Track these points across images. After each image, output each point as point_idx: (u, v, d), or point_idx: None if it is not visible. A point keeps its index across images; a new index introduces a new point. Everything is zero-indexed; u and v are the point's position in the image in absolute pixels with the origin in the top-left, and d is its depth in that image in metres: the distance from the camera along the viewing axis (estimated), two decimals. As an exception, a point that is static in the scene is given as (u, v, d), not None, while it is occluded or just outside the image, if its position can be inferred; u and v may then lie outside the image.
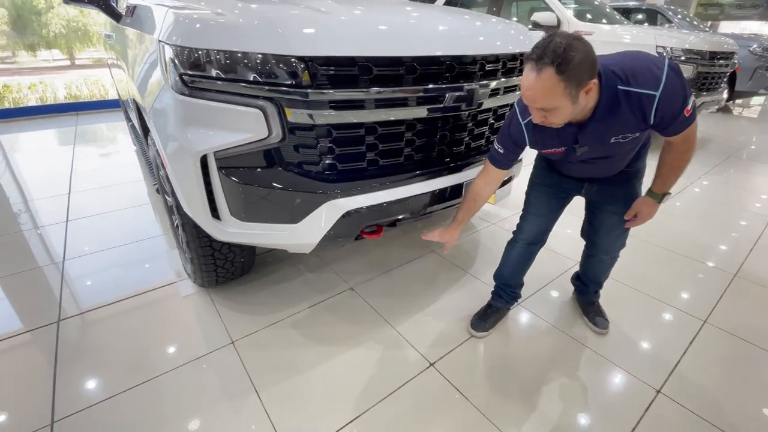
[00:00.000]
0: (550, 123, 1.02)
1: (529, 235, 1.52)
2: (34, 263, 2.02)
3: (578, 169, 1.32)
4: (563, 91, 0.91)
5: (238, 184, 1.20)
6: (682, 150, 1.14)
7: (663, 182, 1.22)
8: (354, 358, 1.46)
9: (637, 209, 1.30)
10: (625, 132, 1.07)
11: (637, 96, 0.98)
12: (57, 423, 1.22)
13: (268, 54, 1.06)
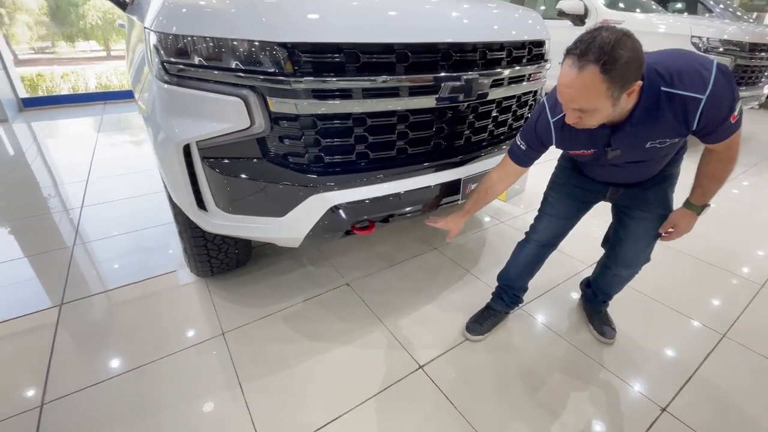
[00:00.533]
0: (584, 125, 0.93)
1: (542, 236, 1.43)
2: (46, 247, 2.09)
3: (606, 173, 1.23)
4: (605, 93, 0.83)
5: (222, 175, 1.17)
6: (725, 159, 1.03)
7: (703, 193, 1.11)
8: (341, 356, 1.43)
9: (674, 222, 1.19)
10: (664, 137, 0.98)
11: (682, 99, 0.89)
12: (47, 404, 1.24)
13: (248, 40, 1.02)
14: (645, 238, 1.27)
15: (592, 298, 1.59)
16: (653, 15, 3.87)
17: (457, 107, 1.34)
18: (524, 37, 1.44)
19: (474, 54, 1.28)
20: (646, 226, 1.25)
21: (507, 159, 1.25)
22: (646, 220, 1.24)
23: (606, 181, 1.27)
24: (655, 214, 1.23)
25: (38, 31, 16.50)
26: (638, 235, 1.28)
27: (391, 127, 1.26)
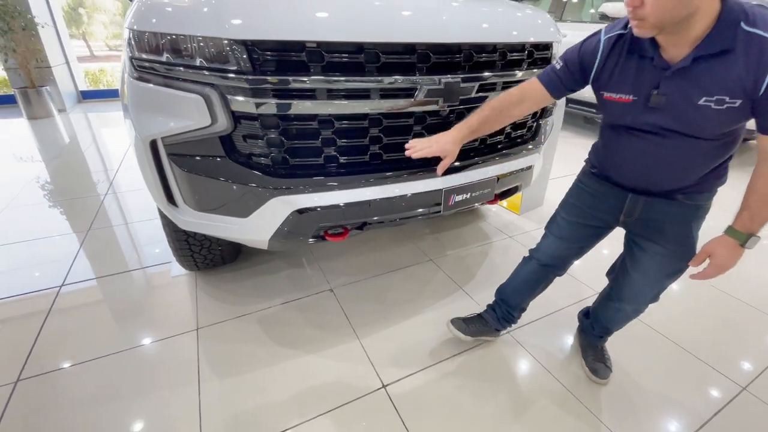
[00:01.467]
0: (640, 17, 0.76)
1: (544, 256, 1.29)
2: (61, 231, 2.23)
3: (631, 162, 0.99)
4: None
5: (187, 172, 1.17)
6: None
7: (751, 217, 0.88)
8: (306, 365, 1.38)
9: (709, 251, 0.94)
10: (724, 92, 0.79)
11: (762, 42, 0.74)
12: (21, 381, 1.30)
13: (207, 37, 1.00)
14: (654, 275, 1.10)
15: (588, 329, 1.43)
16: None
17: (437, 112, 1.25)
18: (523, 39, 1.32)
19: (458, 56, 1.18)
20: (658, 262, 1.07)
21: (534, 80, 1.05)
22: (658, 255, 1.06)
23: (625, 183, 1.04)
24: (669, 250, 1.04)
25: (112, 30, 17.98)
26: (647, 271, 1.10)
27: (363, 130, 1.19)
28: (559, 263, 1.29)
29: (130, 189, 2.79)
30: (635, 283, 1.14)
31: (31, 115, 4.87)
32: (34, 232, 2.21)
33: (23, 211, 2.48)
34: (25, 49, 4.74)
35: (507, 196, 1.67)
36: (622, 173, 1.04)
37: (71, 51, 5.80)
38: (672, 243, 1.03)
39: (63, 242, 2.11)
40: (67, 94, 5.47)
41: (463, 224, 2.40)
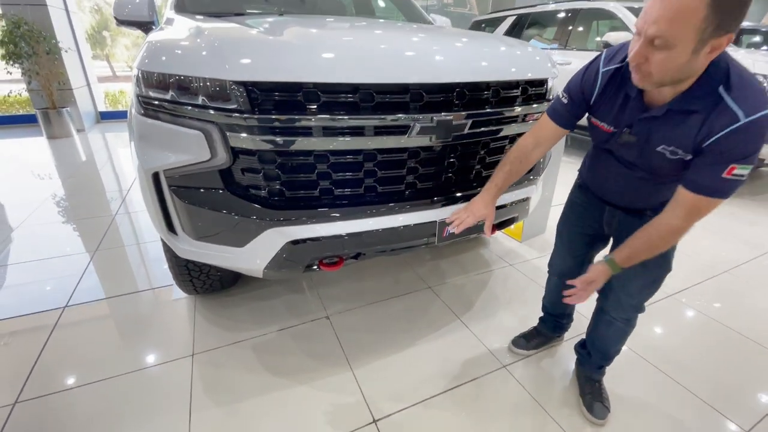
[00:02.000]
0: (644, 73, 0.80)
1: (557, 269, 1.44)
2: (70, 250, 2.29)
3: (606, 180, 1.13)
4: (699, 23, 0.69)
5: (187, 203, 1.20)
6: (675, 228, 0.92)
7: (629, 256, 1.00)
8: (295, 397, 1.37)
9: (592, 279, 1.06)
10: (679, 146, 0.87)
11: (724, 110, 0.79)
12: (19, 403, 1.32)
13: (210, 78, 1.05)
14: (633, 284, 1.16)
15: (586, 360, 1.41)
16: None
17: (431, 147, 1.27)
18: (516, 76, 1.35)
19: (449, 94, 1.22)
20: (637, 272, 1.10)
21: (544, 118, 1.13)
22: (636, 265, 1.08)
23: (603, 197, 1.16)
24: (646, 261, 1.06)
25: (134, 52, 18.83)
26: (626, 280, 1.15)
27: (358, 165, 1.23)
28: (571, 272, 1.32)
29: (141, 209, 2.86)
30: (616, 293, 1.20)
31: (50, 135, 5.07)
32: (45, 251, 2.27)
33: (37, 230, 2.56)
34: (48, 72, 4.98)
35: (505, 226, 1.68)
36: (601, 189, 1.17)
37: (92, 73, 6.07)
38: None
39: (71, 262, 2.17)
40: (86, 115, 5.70)
41: (463, 251, 2.40)
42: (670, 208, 0.92)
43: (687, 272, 2.20)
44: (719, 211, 3.11)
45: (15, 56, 4.70)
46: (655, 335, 1.72)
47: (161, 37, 1.23)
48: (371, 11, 2.81)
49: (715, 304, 1.93)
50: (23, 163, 4.11)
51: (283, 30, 1.25)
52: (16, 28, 4.66)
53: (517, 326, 1.72)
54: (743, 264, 2.32)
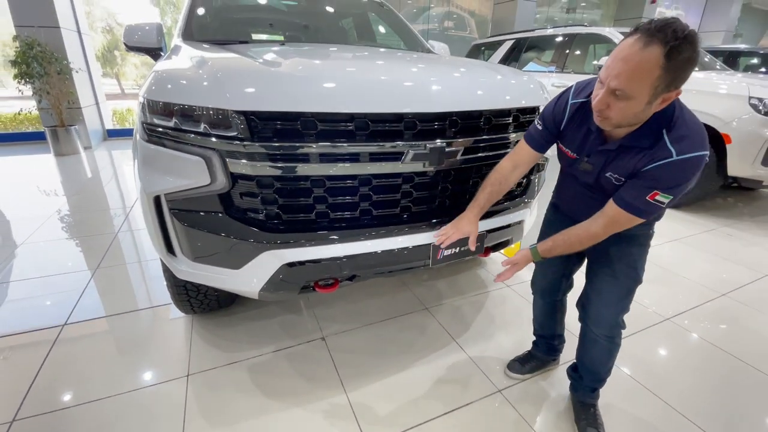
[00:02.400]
0: (605, 116, 0.92)
1: (539, 287, 1.49)
2: (72, 268, 2.32)
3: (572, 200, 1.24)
4: (653, 81, 0.81)
5: (186, 226, 1.24)
6: (592, 234, 1.06)
7: (550, 248, 1.15)
8: (289, 419, 1.37)
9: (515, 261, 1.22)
10: (624, 174, 1.00)
11: (661, 150, 0.92)
12: (17, 422, 1.32)
13: (212, 108, 1.10)
14: (608, 296, 1.21)
15: (579, 383, 1.41)
16: (703, 73, 3.60)
17: (425, 173, 1.31)
18: (507, 104, 1.40)
19: (442, 123, 1.26)
20: (609, 283, 1.19)
21: (521, 143, 1.24)
22: (608, 276, 1.19)
23: (571, 215, 1.23)
24: (617, 272, 1.17)
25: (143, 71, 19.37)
26: (601, 292, 1.22)
27: (353, 189, 1.26)
28: (554, 289, 1.44)
29: (143, 227, 2.90)
30: (595, 306, 1.24)
31: (58, 152, 5.17)
32: (47, 268, 2.30)
33: (41, 246, 2.60)
34: (58, 91, 5.13)
35: (499, 248, 1.70)
36: (569, 208, 1.27)
37: (101, 91, 6.23)
38: (618, 265, 1.17)
39: (73, 279, 2.19)
40: (93, 132, 5.82)
41: (460, 271, 2.41)
42: (595, 217, 1.06)
43: (685, 295, 2.20)
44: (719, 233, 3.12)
45: (27, 76, 4.85)
46: (651, 359, 1.71)
47: (167, 67, 1.29)
48: (372, 38, 2.91)
49: (714, 328, 1.92)
50: (30, 179, 4.19)
51: (282, 61, 1.31)
52: (29, 49, 4.82)
53: (513, 349, 1.72)
54: (742, 287, 2.31)
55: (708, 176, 3.33)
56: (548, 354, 1.60)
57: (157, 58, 2.13)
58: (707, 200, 3.86)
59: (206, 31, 2.08)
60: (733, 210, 3.71)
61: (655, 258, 2.65)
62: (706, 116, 3.26)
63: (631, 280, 1.18)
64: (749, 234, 3.14)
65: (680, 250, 2.82)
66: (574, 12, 10.34)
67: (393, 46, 2.75)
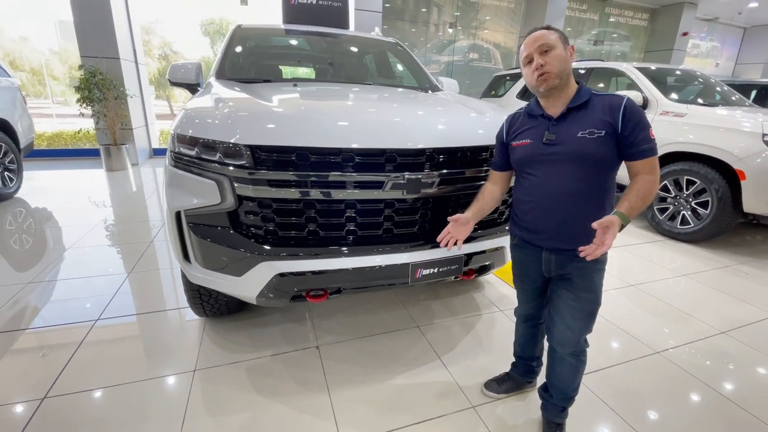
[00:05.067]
0: (547, 72, 1.17)
1: (522, 315, 1.56)
2: (110, 271, 2.63)
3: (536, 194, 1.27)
4: (558, 37, 1.19)
5: (199, 237, 1.47)
6: (649, 181, 1.18)
7: (630, 207, 1.15)
8: (276, 416, 1.52)
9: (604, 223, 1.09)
10: (592, 127, 1.17)
11: (608, 98, 1.19)
12: (48, 399, 1.56)
13: (225, 141, 1.34)
14: (571, 319, 1.30)
15: (549, 402, 1.48)
16: (719, 109, 3.59)
17: (404, 200, 1.49)
18: (479, 141, 1.56)
19: (419, 157, 1.44)
20: (572, 307, 1.29)
21: (491, 171, 1.47)
22: (570, 301, 1.28)
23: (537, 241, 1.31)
24: (580, 298, 1.27)
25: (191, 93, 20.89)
26: (564, 316, 1.31)
27: (340, 212, 1.45)
28: (533, 316, 1.53)
29: (171, 238, 3.22)
30: (558, 327, 1.34)
31: (109, 168, 5.76)
32: (89, 270, 2.63)
33: (85, 251, 2.95)
34: (114, 114, 5.76)
35: (483, 272, 1.82)
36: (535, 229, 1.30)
37: (152, 113, 6.91)
38: (581, 291, 1.27)
39: (109, 281, 2.50)
40: (141, 150, 6.43)
41: (457, 293, 2.52)
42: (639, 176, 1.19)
43: (682, 330, 2.20)
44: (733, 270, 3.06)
45: (88, 100, 5.51)
46: (632, 390, 1.74)
47: (194, 106, 1.57)
48: (390, 74, 3.18)
49: (702, 365, 1.91)
50: (83, 191, 4.70)
51: (286, 102, 1.55)
52: (92, 77, 5.50)
53: (494, 370, 1.80)
54: (745, 326, 2.27)
55: (723, 212, 3.28)
56: (525, 375, 1.67)
57: (194, 92, 2.47)
58: (726, 237, 3.76)
59: (236, 70, 2.40)
60: (753, 248, 3.60)
61: (659, 292, 2.64)
62: (719, 151, 3.26)
63: (592, 303, 1.28)
64: (765, 273, 3.04)
65: (688, 285, 2.79)
66: (602, 44, 10.38)
67: (406, 81, 3.00)
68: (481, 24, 8.92)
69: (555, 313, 1.35)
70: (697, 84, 4.51)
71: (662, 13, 10.46)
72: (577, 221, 1.21)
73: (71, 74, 12.86)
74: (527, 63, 1.22)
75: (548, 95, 1.22)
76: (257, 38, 2.84)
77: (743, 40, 12.68)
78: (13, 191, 4.37)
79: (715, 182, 3.29)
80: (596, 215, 1.13)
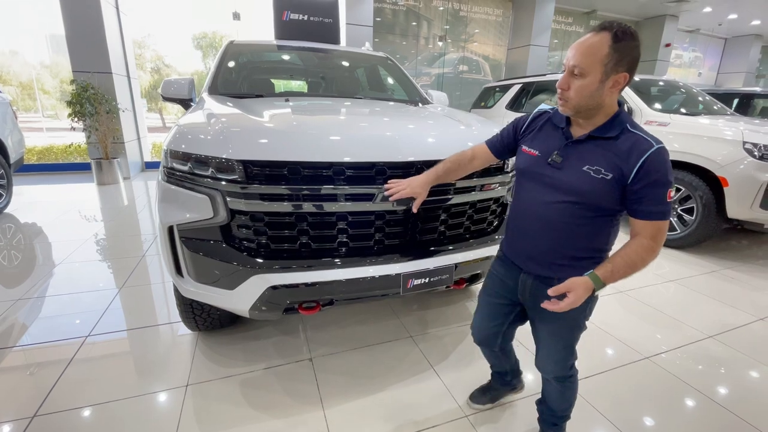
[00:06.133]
0: (565, 98, 1.05)
1: (476, 337, 1.48)
2: (100, 286, 2.61)
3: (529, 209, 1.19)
4: (602, 59, 0.98)
5: (192, 251, 1.48)
6: (647, 247, 1.03)
7: (611, 271, 1.03)
8: (269, 431, 1.52)
9: (570, 288, 1.04)
10: (601, 165, 1.04)
11: (639, 139, 1.02)
12: (37, 417, 1.54)
13: (217, 157, 1.37)
14: (554, 345, 1.27)
15: (543, 416, 1.48)
16: (702, 118, 3.70)
17: (395, 211, 1.51)
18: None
19: (409, 170, 1.48)
20: (553, 333, 1.25)
21: (482, 143, 1.39)
22: (552, 327, 1.24)
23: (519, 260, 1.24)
24: (559, 324, 1.22)
25: (182, 107, 20.90)
26: (547, 342, 1.28)
27: (331, 224, 1.48)
28: (489, 342, 1.44)
29: (163, 252, 3.21)
30: (541, 358, 1.33)
31: (100, 182, 5.73)
32: (79, 285, 2.60)
33: (76, 266, 2.92)
34: (106, 128, 5.75)
35: (474, 281, 1.85)
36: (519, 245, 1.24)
37: (144, 126, 6.91)
38: (559, 325, 1.22)
39: (100, 296, 2.47)
40: (133, 164, 6.41)
41: (449, 303, 2.53)
42: (636, 238, 1.05)
43: (670, 335, 2.23)
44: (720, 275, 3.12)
45: (80, 114, 5.51)
46: (621, 395, 1.76)
47: (186, 122, 1.59)
48: (381, 87, 3.24)
49: (692, 369, 1.95)
50: (74, 206, 4.66)
51: (276, 117, 1.59)
52: (84, 92, 5.50)
53: (485, 379, 1.81)
54: (732, 330, 2.31)
55: (708, 218, 3.36)
56: (503, 387, 1.66)
57: (187, 107, 2.49)
58: (714, 243, 3.83)
59: (229, 86, 2.44)
60: (740, 253, 3.68)
61: (647, 297, 2.68)
62: (702, 159, 3.35)
63: (575, 331, 1.23)
64: (752, 277, 3.11)
65: (675, 290, 2.84)
66: (588, 55, 10.64)
67: (396, 94, 3.06)
68: (470, 37, 9.12)
69: (538, 341, 1.31)
70: (679, 94, 4.64)
71: (645, 25, 10.79)
72: (557, 253, 1.14)
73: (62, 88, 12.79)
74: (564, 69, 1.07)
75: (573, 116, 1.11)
76: (249, 54, 2.89)
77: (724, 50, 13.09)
78: (2, 207, 4.33)
79: (699, 189, 3.37)
80: (583, 251, 1.11)
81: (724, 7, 9.89)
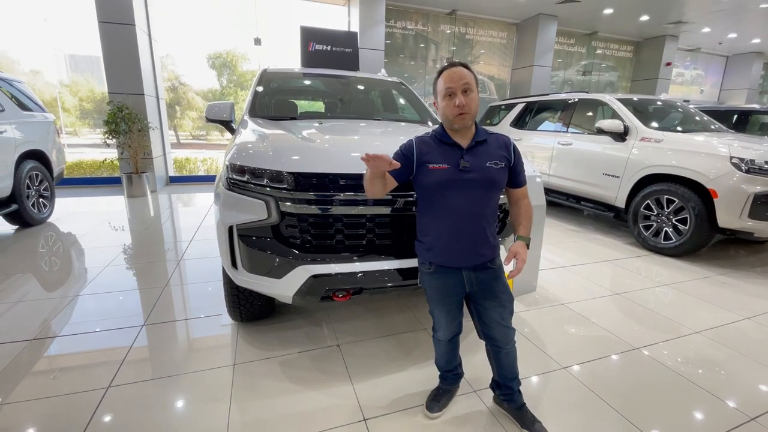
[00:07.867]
0: (466, 111, 1.36)
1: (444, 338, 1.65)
2: (145, 285, 2.94)
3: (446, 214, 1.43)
4: (474, 80, 1.40)
5: (248, 247, 1.79)
6: (527, 204, 1.57)
7: (525, 227, 1.55)
8: (308, 398, 1.79)
9: (515, 252, 1.49)
10: (495, 159, 1.44)
11: (498, 136, 1.50)
12: (112, 387, 1.84)
13: (271, 169, 1.70)
14: (500, 317, 1.53)
15: (508, 394, 1.66)
16: (694, 135, 3.98)
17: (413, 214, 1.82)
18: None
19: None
20: (499, 306, 1.52)
21: None
22: (496, 304, 1.52)
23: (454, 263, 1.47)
24: (500, 297, 1.51)
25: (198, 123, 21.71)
26: (497, 318, 1.53)
27: (362, 224, 1.79)
28: (456, 333, 1.67)
29: (199, 256, 3.54)
30: (498, 330, 1.55)
31: (130, 194, 6.14)
32: (127, 285, 2.93)
33: (120, 269, 3.26)
34: (137, 145, 6.20)
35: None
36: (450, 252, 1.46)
37: (168, 144, 7.36)
38: (500, 293, 1.52)
39: (148, 294, 2.80)
40: (159, 178, 6.84)
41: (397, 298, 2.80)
42: (523, 200, 1.57)
43: (659, 331, 2.47)
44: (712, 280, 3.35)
45: (115, 132, 5.97)
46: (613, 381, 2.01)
47: (243, 140, 1.94)
48: (395, 109, 3.60)
49: (676, 357, 2.18)
50: (105, 217, 5.05)
51: (315, 137, 1.92)
52: (119, 112, 5.97)
53: (492, 362, 2.07)
54: (719, 327, 2.54)
55: (701, 227, 3.60)
56: (454, 383, 1.81)
57: (228, 127, 2.86)
58: (709, 252, 4.05)
59: (264, 109, 2.81)
60: (733, 260, 3.89)
61: (640, 299, 2.93)
62: (692, 173, 3.62)
63: (510, 297, 1.54)
64: (743, 282, 3.33)
65: (667, 293, 3.07)
66: (590, 74, 11.03)
67: (408, 115, 3.41)
68: (476, 58, 9.57)
69: (489, 320, 1.53)
70: (676, 112, 4.93)
71: (645, 45, 11.17)
72: (483, 237, 1.45)
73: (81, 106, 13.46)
74: (448, 95, 1.37)
75: (460, 130, 1.42)
76: (281, 80, 3.27)
77: (726, 67, 13.38)
78: (46, 216, 4.72)
79: (692, 201, 3.63)
80: (492, 231, 1.48)
81: (722, 27, 10.23)
